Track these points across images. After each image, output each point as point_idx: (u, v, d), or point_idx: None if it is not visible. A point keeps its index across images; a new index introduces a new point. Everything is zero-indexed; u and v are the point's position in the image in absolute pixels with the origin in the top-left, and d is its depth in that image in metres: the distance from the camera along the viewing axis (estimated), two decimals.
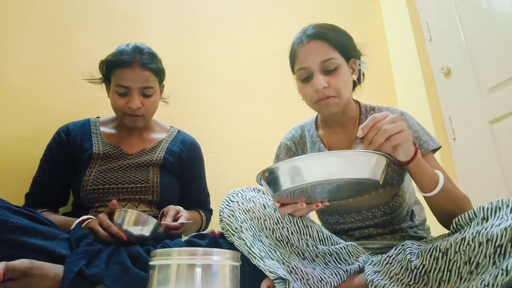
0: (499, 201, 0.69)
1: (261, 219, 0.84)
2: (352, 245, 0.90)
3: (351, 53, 1.01)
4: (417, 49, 1.99)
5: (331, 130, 1.10)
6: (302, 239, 0.85)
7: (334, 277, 0.82)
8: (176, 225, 0.99)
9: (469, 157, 1.73)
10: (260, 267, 0.76)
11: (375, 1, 2.30)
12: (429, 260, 0.72)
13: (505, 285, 0.58)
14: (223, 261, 0.68)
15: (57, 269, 0.74)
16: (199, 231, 1.27)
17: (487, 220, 0.69)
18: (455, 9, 1.85)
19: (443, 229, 0.91)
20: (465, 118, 1.77)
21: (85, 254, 0.78)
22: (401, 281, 0.75)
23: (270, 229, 0.84)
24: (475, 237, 0.66)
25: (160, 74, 1.20)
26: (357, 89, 1.10)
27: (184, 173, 1.29)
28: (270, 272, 0.74)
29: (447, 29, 1.89)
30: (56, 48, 1.47)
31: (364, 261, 0.87)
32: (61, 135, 1.20)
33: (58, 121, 1.28)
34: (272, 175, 0.75)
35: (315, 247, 0.86)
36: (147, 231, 0.90)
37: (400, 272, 0.76)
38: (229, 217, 0.83)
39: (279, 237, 0.84)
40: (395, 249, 0.82)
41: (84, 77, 1.25)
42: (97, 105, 1.42)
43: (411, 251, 0.78)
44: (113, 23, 1.61)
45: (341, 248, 0.88)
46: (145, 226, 0.90)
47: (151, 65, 1.15)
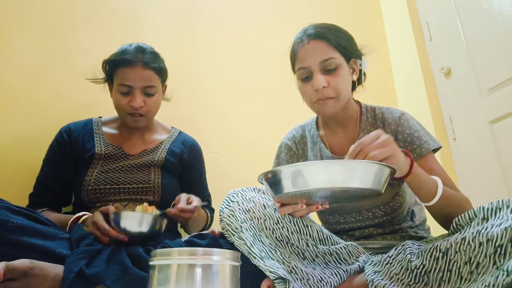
0: (499, 201, 0.69)
1: (261, 219, 0.84)
2: (352, 245, 0.90)
3: (352, 53, 1.01)
4: (417, 49, 1.99)
5: (331, 130, 1.10)
6: (302, 239, 0.85)
7: (334, 277, 0.82)
8: (191, 208, 1.02)
9: (469, 157, 1.73)
10: (260, 267, 0.76)
11: (375, 1, 2.30)
12: (429, 260, 0.72)
13: (506, 286, 0.58)
14: (223, 261, 0.68)
15: (57, 269, 0.74)
16: (205, 228, 1.29)
17: (487, 220, 0.69)
18: (455, 9, 1.85)
19: (443, 229, 0.91)
20: (465, 118, 1.76)
21: (85, 254, 0.79)
22: (401, 281, 0.75)
23: (270, 229, 0.84)
24: (475, 237, 0.66)
25: (162, 73, 1.21)
26: (358, 89, 1.10)
27: (185, 174, 1.29)
28: (270, 272, 0.74)
29: (447, 29, 1.89)
30: (56, 48, 1.47)
31: (364, 261, 0.87)
32: (63, 135, 1.20)
33: (58, 122, 1.28)
34: (274, 177, 0.76)
35: (315, 247, 0.86)
36: (145, 227, 0.91)
37: (400, 272, 0.76)
38: (229, 217, 0.83)
39: (279, 237, 0.84)
40: (395, 249, 0.82)
41: (84, 77, 1.25)
42: (97, 105, 1.42)
43: (411, 251, 0.78)
44: (113, 23, 1.61)
45: (341, 248, 0.88)
46: (142, 222, 0.91)
47: (154, 64, 1.15)
